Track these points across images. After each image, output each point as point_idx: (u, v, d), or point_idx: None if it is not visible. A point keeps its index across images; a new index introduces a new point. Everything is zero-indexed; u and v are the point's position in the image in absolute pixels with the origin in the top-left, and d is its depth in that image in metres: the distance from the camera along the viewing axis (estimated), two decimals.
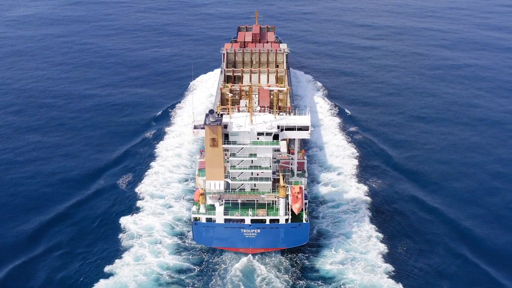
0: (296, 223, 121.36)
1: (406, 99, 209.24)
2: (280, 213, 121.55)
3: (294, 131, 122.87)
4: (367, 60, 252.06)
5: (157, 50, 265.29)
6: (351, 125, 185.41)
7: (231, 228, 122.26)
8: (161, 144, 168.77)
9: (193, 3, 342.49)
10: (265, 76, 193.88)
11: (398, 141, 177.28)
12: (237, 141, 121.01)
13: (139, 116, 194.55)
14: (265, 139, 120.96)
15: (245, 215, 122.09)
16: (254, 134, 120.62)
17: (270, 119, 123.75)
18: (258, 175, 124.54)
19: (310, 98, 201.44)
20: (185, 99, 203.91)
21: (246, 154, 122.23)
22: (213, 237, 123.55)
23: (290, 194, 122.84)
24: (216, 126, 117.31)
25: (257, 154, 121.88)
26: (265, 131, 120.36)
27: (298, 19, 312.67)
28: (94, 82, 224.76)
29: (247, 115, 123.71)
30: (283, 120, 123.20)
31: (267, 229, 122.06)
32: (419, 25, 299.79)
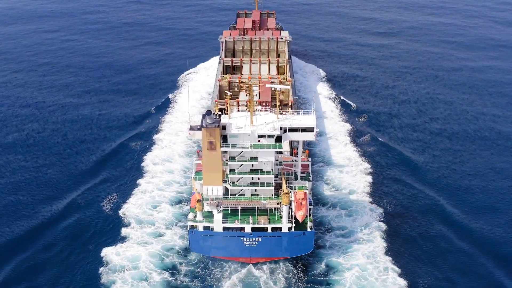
0: (300, 232, 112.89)
1: (421, 94, 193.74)
2: (283, 221, 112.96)
3: (298, 133, 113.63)
4: (375, 47, 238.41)
5: (148, 39, 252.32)
6: (360, 125, 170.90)
7: (230, 237, 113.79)
8: (149, 156, 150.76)
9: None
10: (265, 66, 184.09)
11: (413, 143, 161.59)
12: (236, 144, 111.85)
13: (125, 117, 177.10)
14: (266, 141, 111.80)
15: (245, 223, 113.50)
16: (255, 136, 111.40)
17: (272, 120, 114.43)
18: (259, 179, 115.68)
19: (314, 90, 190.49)
20: (180, 93, 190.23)
21: (246, 157, 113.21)
22: (211, 246, 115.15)
23: (294, 200, 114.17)
24: (214, 128, 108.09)
25: (258, 157, 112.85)
26: (267, 133, 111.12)
27: (299, 2, 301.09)
28: (76, 81, 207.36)
29: (247, 115, 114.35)
30: (286, 121, 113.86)
31: (269, 237, 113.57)
32: (430, 18, 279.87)
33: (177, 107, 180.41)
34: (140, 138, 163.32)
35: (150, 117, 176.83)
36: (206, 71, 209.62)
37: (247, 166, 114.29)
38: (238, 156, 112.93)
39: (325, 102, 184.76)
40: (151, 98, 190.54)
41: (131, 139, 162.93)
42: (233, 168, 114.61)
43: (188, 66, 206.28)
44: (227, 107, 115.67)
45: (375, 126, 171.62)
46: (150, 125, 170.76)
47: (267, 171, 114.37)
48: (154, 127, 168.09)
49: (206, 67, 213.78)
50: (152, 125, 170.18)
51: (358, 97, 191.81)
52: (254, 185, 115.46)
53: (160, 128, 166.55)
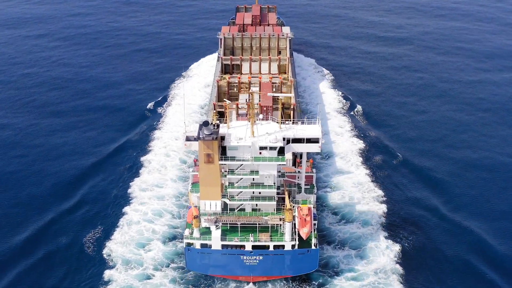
0: (304, 249, 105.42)
1: (438, 110, 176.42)
2: (286, 238, 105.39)
3: (302, 144, 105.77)
4: (382, 42, 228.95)
5: (142, 32, 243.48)
6: (370, 140, 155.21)
7: (230, 254, 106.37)
8: (137, 182, 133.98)
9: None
10: (266, 65, 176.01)
11: (433, 166, 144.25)
12: (236, 156, 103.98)
13: (108, 133, 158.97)
14: (268, 154, 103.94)
15: (246, 240, 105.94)
16: (255, 148, 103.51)
17: (274, 129, 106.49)
18: (260, 193, 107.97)
19: (318, 91, 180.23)
20: (175, 96, 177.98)
21: (247, 171, 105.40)
22: (209, 264, 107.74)
23: (297, 216, 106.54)
24: (212, 141, 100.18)
25: (259, 171, 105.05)
26: (268, 145, 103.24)
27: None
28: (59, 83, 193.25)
29: (247, 125, 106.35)
30: (289, 131, 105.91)
31: (270, 256, 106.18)
32: (441, 22, 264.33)
33: (167, 120, 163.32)
34: (126, 159, 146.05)
35: (137, 133, 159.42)
36: (201, 77, 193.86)
37: (248, 180, 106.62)
38: (238, 169, 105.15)
39: (329, 106, 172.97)
40: (137, 110, 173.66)
41: (115, 160, 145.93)
42: (233, 181, 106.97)
43: (183, 69, 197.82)
44: (225, 115, 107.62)
45: (387, 142, 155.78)
46: (137, 143, 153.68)
47: (269, 185, 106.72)
48: (142, 146, 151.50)
49: (201, 69, 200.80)
50: (139, 144, 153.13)
51: (365, 102, 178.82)
52: (255, 200, 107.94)
53: (149, 147, 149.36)
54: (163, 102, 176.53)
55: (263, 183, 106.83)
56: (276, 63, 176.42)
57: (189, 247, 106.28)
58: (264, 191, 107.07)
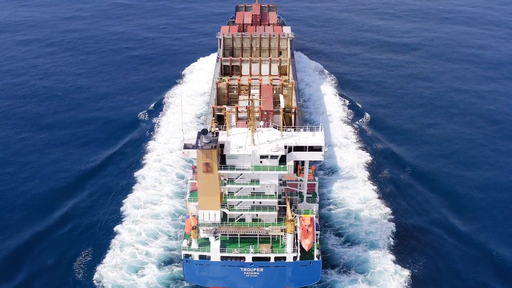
0: (306, 261, 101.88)
1: (439, 107, 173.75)
2: (287, 250, 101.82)
3: (304, 152, 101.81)
4: (387, 47, 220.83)
5: (136, 34, 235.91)
6: (377, 152, 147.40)
7: (229, 266, 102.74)
8: (130, 198, 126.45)
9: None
10: (266, 66, 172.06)
11: (445, 182, 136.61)
12: (236, 165, 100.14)
13: (101, 140, 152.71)
14: (269, 162, 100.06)
15: (246, 252, 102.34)
16: (256, 157, 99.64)
17: (275, 137, 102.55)
18: (261, 203, 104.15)
19: (321, 100, 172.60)
20: (170, 105, 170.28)
21: (247, 180, 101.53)
22: (207, 276, 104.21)
23: (299, 226, 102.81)
24: (211, 150, 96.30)
25: (260, 180, 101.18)
26: (269, 154, 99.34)
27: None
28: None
29: (247, 132, 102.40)
30: (291, 139, 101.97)
31: (271, 267, 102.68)
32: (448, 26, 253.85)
33: (162, 130, 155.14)
34: (118, 174, 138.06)
35: (129, 144, 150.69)
36: (196, 83, 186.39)
37: (248, 189, 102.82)
38: (238, 178, 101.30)
39: (334, 115, 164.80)
40: (129, 120, 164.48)
41: (106, 175, 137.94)
42: (232, 191, 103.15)
43: (178, 76, 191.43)
44: (225, 123, 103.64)
45: (395, 155, 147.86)
46: (130, 156, 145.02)
47: (270, 195, 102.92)
48: (135, 159, 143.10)
49: (197, 75, 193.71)
50: (132, 156, 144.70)
51: (371, 111, 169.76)
52: (256, 210, 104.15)
53: (143, 161, 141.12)
54: (157, 111, 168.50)
55: (264, 193, 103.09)
56: (276, 64, 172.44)
57: (187, 259, 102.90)
58: (265, 201, 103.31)
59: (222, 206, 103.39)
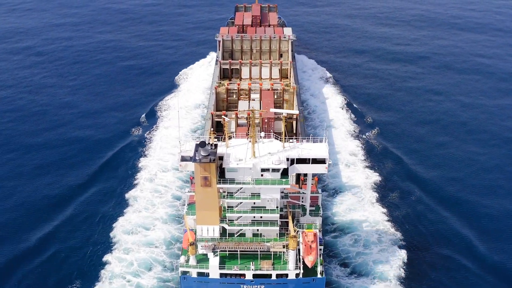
0: (309, 278, 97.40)
1: (451, 123, 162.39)
2: (290, 266, 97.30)
3: (307, 165, 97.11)
4: (394, 56, 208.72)
5: (130, 37, 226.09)
6: (384, 161, 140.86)
7: (229, 284, 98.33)
8: (120, 222, 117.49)
9: None
10: (267, 70, 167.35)
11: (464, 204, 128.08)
12: (235, 179, 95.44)
13: (90, 157, 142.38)
14: (271, 176, 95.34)
15: (246, 268, 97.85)
16: (257, 170, 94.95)
17: (277, 149, 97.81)
18: (262, 217, 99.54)
19: (326, 113, 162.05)
20: (163, 118, 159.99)
21: (247, 194, 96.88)
22: None
23: (302, 242, 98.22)
24: (209, 163, 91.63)
25: (261, 195, 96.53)
26: (271, 167, 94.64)
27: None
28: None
29: (247, 144, 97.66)
30: (293, 151, 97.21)
31: (273, 285, 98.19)
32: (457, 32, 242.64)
33: (155, 146, 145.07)
34: (108, 195, 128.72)
35: (120, 161, 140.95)
36: (192, 94, 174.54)
37: (248, 204, 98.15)
38: (238, 192, 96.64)
39: (340, 129, 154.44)
40: (120, 134, 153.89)
41: (95, 196, 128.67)
42: (232, 205, 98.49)
43: (173, 86, 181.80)
44: (224, 133, 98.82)
45: (405, 175, 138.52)
46: (121, 174, 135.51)
47: (271, 209, 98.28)
48: (126, 178, 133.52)
49: (192, 84, 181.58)
50: (124, 175, 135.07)
51: (379, 127, 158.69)
52: (256, 225, 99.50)
53: (135, 180, 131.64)
54: (150, 125, 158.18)
55: (265, 207, 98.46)
56: (277, 67, 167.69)
57: (184, 276, 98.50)
58: (266, 216, 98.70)
59: (221, 220, 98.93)
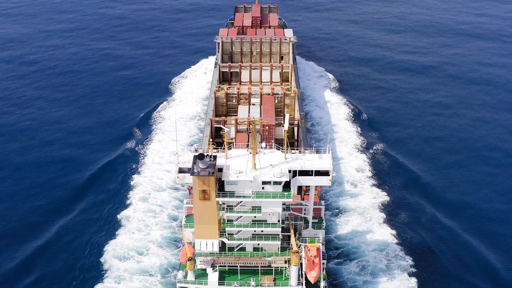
0: None
1: (463, 140, 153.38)
2: (292, 282, 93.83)
3: (310, 177, 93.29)
4: (400, 60, 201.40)
5: (127, 42, 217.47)
6: (392, 179, 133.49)
7: None
8: (112, 245, 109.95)
9: None
10: (267, 73, 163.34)
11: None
12: (235, 192, 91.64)
13: (79, 174, 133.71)
14: (272, 188, 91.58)
15: (246, 284, 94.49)
16: (258, 182, 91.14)
17: (278, 160, 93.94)
18: (263, 231, 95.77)
19: (330, 126, 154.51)
20: (157, 131, 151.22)
21: (248, 208, 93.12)
22: None
23: (304, 256, 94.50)
24: (208, 176, 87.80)
25: (262, 208, 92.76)
26: (272, 180, 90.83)
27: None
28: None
29: (248, 156, 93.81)
30: (296, 162, 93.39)
31: None
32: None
33: (147, 162, 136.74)
34: (98, 215, 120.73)
35: (112, 177, 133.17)
36: (187, 105, 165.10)
37: (249, 217, 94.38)
38: (238, 206, 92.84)
39: (347, 143, 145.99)
40: (112, 148, 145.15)
41: (85, 217, 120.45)
42: (231, 219, 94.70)
43: (168, 94, 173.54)
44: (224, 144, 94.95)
45: (414, 193, 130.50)
46: (112, 193, 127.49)
47: (272, 223, 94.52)
48: (118, 197, 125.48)
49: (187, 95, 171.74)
50: (115, 193, 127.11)
51: (384, 134, 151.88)
52: (257, 239, 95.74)
53: (127, 199, 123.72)
54: (143, 138, 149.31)
55: (266, 221, 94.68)
56: (278, 70, 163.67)
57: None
58: (267, 230, 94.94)
59: (220, 234, 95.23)
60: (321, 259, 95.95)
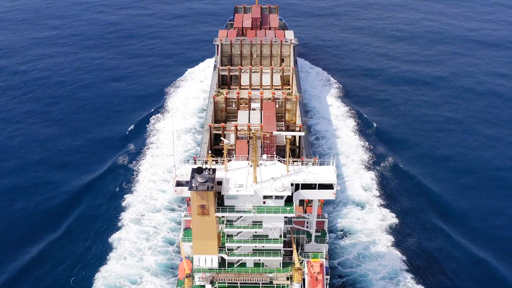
0: None
1: (478, 159, 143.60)
2: None
3: (313, 190, 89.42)
4: (411, 72, 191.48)
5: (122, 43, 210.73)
6: (401, 197, 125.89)
7: None
8: (103, 273, 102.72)
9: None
10: (268, 76, 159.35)
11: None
12: (235, 206, 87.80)
13: (67, 193, 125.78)
14: (274, 203, 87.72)
15: None
16: (259, 197, 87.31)
17: (280, 173, 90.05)
18: (263, 246, 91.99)
19: (334, 139, 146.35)
20: (151, 145, 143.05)
21: (248, 223, 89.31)
22: None
23: (307, 272, 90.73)
24: (207, 191, 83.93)
25: (263, 223, 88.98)
26: (274, 194, 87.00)
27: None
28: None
29: (248, 168, 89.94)
30: (298, 175, 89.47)
31: None
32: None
33: (141, 179, 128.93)
34: (87, 239, 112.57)
35: (103, 197, 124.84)
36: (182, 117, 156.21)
37: (249, 232, 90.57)
38: (238, 220, 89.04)
39: (354, 158, 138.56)
40: (103, 166, 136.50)
41: (72, 239, 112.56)
42: (231, 234, 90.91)
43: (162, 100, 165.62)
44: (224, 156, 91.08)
45: (424, 213, 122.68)
46: (103, 213, 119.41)
47: (274, 239, 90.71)
48: (109, 219, 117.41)
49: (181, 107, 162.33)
50: (106, 214, 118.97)
51: (393, 149, 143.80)
52: (258, 254, 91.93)
53: (119, 221, 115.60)
54: (136, 153, 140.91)
55: (267, 236, 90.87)
56: (279, 74, 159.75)
57: None
58: (268, 245, 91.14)
59: (220, 250, 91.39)
60: (325, 275, 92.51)
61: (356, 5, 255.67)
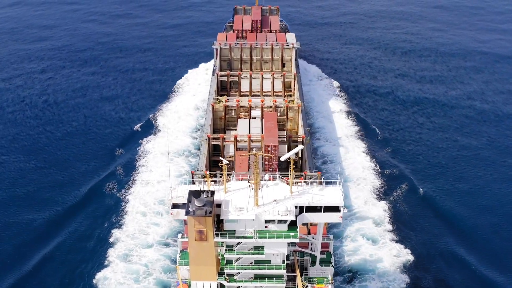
0: None
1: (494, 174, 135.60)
2: None
3: (319, 213, 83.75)
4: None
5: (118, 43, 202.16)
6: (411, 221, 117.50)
7: None
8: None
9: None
10: (269, 82, 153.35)
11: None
12: (236, 231, 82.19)
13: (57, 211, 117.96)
14: (277, 227, 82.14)
15: None
16: (261, 221, 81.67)
17: (283, 194, 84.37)
18: (265, 272, 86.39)
19: (339, 157, 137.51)
20: (146, 161, 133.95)
21: (249, 248, 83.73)
22: None
23: None
24: (205, 217, 78.26)
25: (265, 249, 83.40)
26: (277, 219, 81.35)
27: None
28: None
29: (249, 190, 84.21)
30: (303, 197, 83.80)
31: None
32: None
33: (133, 202, 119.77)
34: (68, 278, 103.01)
35: (88, 230, 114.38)
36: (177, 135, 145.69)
37: (250, 258, 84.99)
38: (238, 247, 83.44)
39: (362, 175, 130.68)
40: (93, 186, 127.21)
41: (63, 259, 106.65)
42: (231, 259, 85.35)
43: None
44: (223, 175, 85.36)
45: (437, 237, 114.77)
46: (90, 247, 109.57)
47: (276, 265, 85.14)
48: (94, 255, 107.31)
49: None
50: (92, 249, 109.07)
51: (406, 169, 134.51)
52: (260, 281, 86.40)
53: (105, 258, 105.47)
54: (126, 179, 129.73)
55: (270, 261, 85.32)
56: (280, 79, 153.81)
57: None
58: (271, 272, 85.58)
59: (219, 276, 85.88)
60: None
61: (366, 14, 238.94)
